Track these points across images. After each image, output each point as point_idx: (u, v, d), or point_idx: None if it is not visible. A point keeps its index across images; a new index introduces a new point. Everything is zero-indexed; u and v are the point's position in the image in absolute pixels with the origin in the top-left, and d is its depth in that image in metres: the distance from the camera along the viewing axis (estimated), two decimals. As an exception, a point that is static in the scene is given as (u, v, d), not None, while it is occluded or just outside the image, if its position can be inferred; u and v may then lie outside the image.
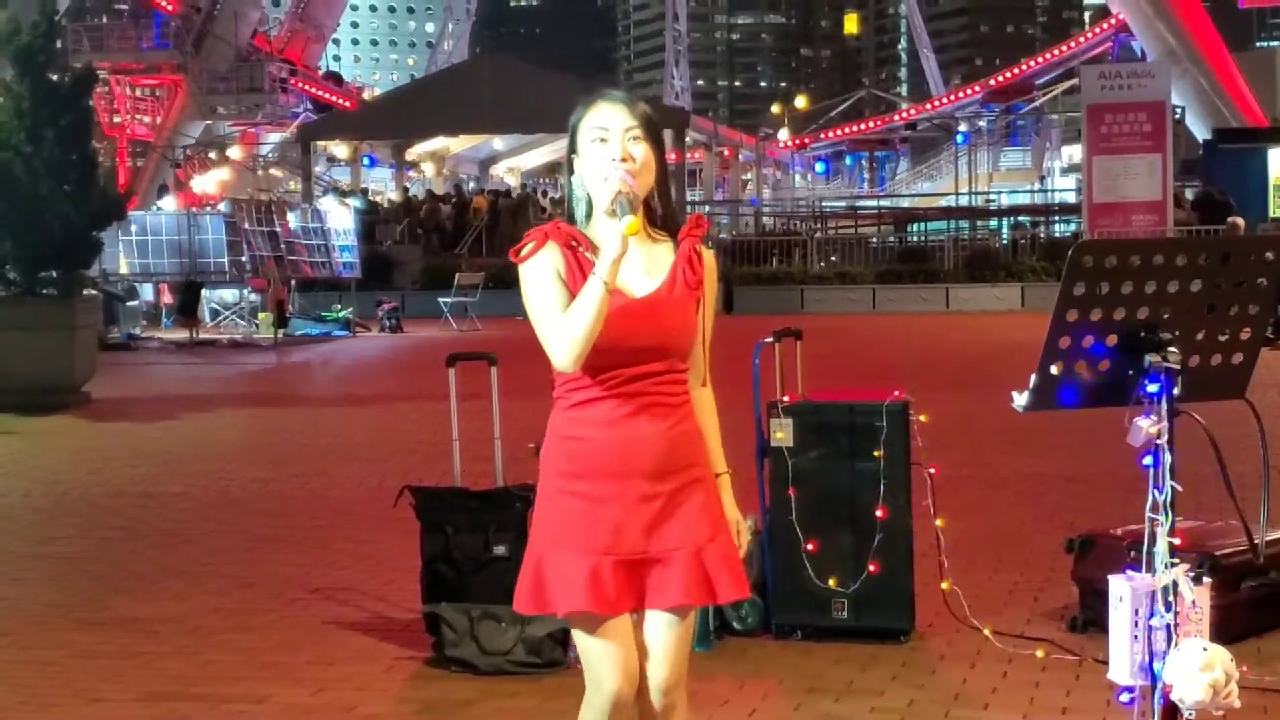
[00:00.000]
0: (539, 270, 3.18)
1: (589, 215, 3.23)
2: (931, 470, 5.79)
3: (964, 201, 42.25)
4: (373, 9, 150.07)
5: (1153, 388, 2.95)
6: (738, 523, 3.32)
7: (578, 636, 3.22)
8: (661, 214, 3.27)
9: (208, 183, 43.80)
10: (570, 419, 3.21)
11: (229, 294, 27.04)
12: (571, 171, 3.27)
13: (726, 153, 52.43)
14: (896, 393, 5.79)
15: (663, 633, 3.22)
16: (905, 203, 50.36)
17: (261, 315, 25.35)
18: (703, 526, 3.20)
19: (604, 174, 3.11)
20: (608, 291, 3.03)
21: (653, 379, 3.16)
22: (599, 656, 3.19)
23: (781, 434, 5.71)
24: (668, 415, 3.18)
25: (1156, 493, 3.00)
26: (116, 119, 43.93)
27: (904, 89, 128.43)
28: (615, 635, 3.19)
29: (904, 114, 58.89)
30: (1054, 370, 3.00)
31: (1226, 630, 5.19)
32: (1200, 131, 41.43)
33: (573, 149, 3.26)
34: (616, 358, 3.13)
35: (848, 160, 61.99)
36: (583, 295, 3.06)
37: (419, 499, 5.86)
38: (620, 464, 3.16)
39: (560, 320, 3.11)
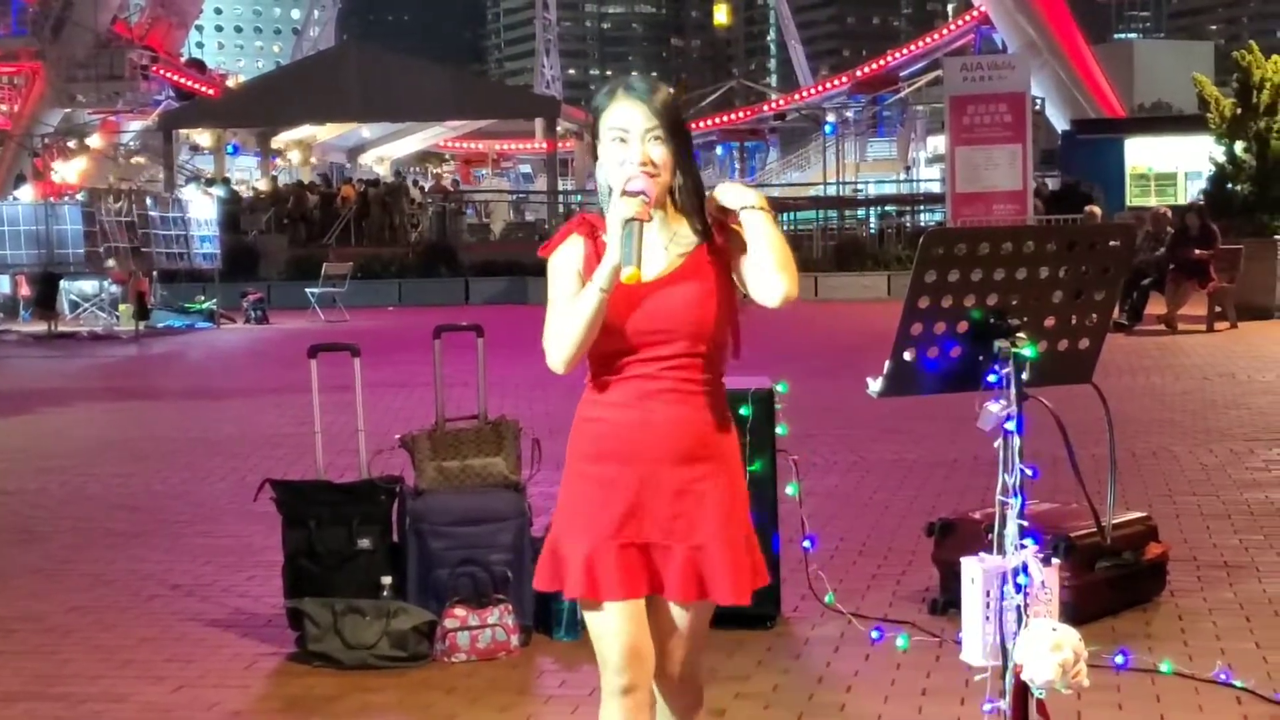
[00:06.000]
0: (557, 265, 3.19)
1: (609, 198, 3.19)
2: (795, 458, 5.84)
3: (832, 191, 42.68)
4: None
5: (1002, 373, 3.01)
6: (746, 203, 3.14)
7: (586, 617, 3.23)
8: (686, 195, 3.20)
9: (67, 172, 42.83)
10: (591, 400, 3.21)
11: (88, 285, 26.44)
12: (596, 157, 3.23)
13: (598, 142, 52.33)
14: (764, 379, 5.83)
15: (668, 624, 3.24)
16: (775, 192, 50.62)
17: (122, 307, 24.84)
18: (712, 522, 3.16)
19: (619, 183, 3.08)
20: (604, 298, 3.03)
21: (667, 362, 3.13)
22: (604, 641, 3.21)
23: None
24: (685, 400, 3.14)
25: (1006, 476, 3.06)
26: (-28, 107, 42.78)
27: (773, 80, 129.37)
28: (621, 619, 3.16)
29: (773, 104, 59.23)
30: (907, 357, 3.05)
31: (1081, 610, 5.32)
32: (1059, 122, 42.34)
33: (595, 136, 3.22)
34: (628, 341, 3.12)
35: (718, 150, 62.22)
36: (578, 299, 3.08)
37: (280, 493, 5.79)
38: (632, 448, 3.14)
39: (556, 320, 3.12)
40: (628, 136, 3.12)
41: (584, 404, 3.23)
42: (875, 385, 3.11)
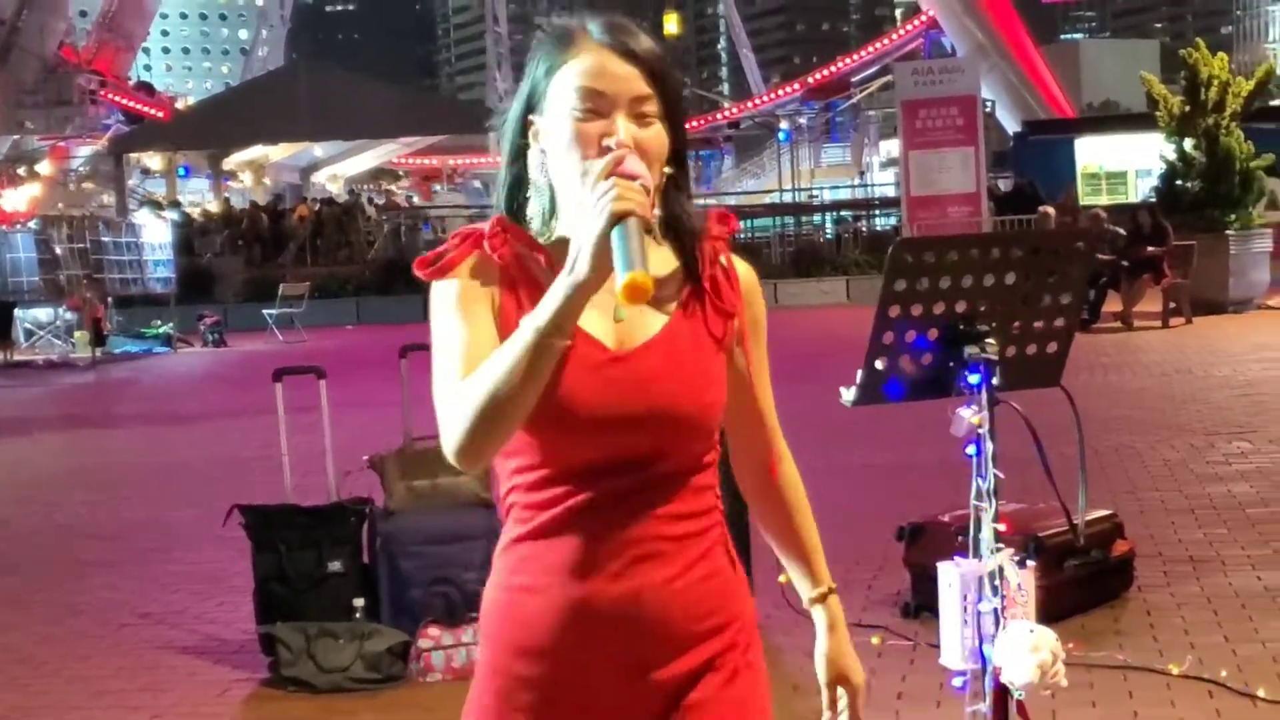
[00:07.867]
0: (446, 295, 1.93)
1: (552, 213, 1.96)
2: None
3: (788, 198, 42.85)
4: (183, 16, 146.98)
5: (973, 379, 3.03)
6: (850, 678, 2.20)
7: None
8: (665, 212, 1.98)
9: (18, 199, 42.54)
10: (520, 557, 1.95)
11: (43, 313, 26.28)
12: (522, 146, 1.99)
13: (552, 154, 52.41)
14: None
15: None
16: (731, 200, 50.84)
17: (78, 334, 24.68)
18: None
19: (598, 173, 1.82)
20: (554, 351, 1.79)
21: (651, 488, 1.92)
22: None
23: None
24: (678, 552, 1.94)
25: (980, 481, 3.08)
26: (-81, 136, 42.47)
27: (726, 88, 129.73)
28: None
29: (726, 113, 59.43)
30: (879, 365, 3.07)
31: (1051, 609, 5.34)
32: (1010, 124, 42.66)
33: (530, 109, 1.98)
34: (587, 451, 1.88)
35: (672, 159, 62.32)
36: (508, 348, 1.81)
37: (249, 517, 5.78)
38: (590, 635, 1.91)
39: (462, 385, 1.84)
40: (608, 105, 1.90)
41: (515, 561, 1.96)
42: (849, 395, 3.13)
